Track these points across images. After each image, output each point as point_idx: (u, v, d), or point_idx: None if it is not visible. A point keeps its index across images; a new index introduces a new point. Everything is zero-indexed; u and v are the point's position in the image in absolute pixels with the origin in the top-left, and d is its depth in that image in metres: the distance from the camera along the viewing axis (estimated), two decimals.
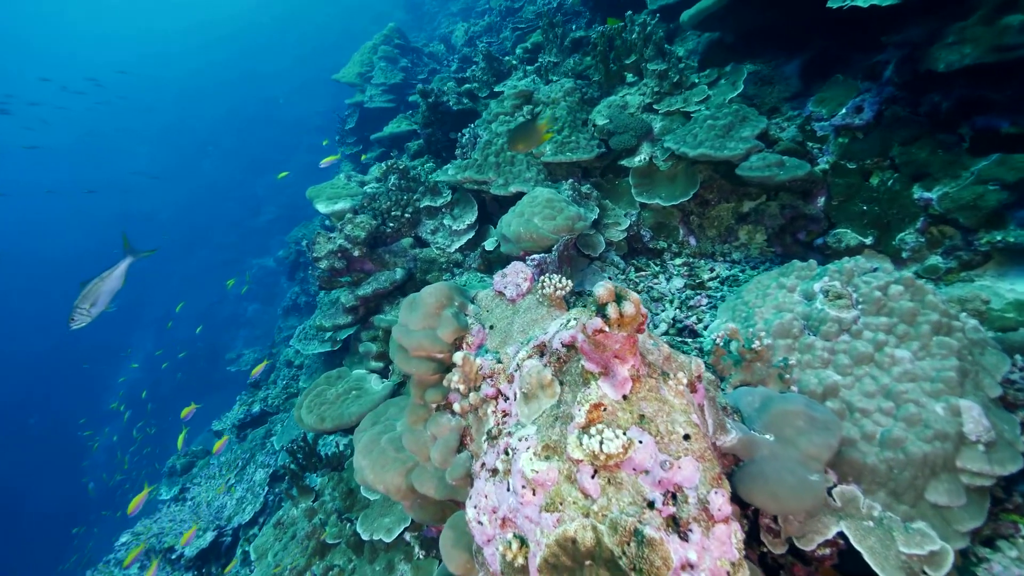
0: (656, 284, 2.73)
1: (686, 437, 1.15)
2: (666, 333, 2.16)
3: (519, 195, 3.31)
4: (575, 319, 1.44)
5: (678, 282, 2.74)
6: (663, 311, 2.43)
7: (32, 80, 28.04)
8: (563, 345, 1.38)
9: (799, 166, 2.61)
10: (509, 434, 1.34)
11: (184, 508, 4.88)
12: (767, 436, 1.41)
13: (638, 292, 2.69)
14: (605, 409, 1.17)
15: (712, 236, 3.26)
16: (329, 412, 2.62)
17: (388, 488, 1.77)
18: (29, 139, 27.75)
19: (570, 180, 3.17)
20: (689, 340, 2.18)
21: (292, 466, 3.37)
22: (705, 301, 2.44)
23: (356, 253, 3.16)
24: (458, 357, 1.60)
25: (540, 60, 4.69)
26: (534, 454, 1.19)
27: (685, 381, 1.28)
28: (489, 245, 3.14)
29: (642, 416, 1.17)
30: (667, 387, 1.25)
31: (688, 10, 3.30)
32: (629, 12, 3.66)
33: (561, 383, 1.34)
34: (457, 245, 3.47)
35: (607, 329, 1.13)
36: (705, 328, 2.18)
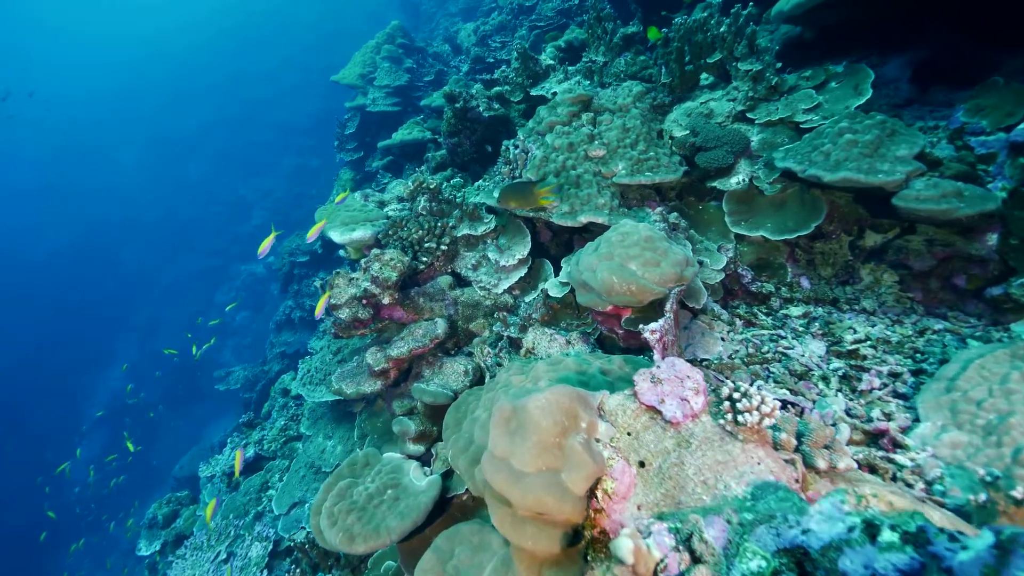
0: (789, 350, 2.09)
1: None
2: (853, 443, 1.53)
3: (590, 226, 2.66)
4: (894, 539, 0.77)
5: (816, 346, 2.10)
6: (822, 396, 1.79)
7: (12, 83, 26.89)
8: None
9: (985, 197, 1.98)
10: None
11: None
12: None
13: (768, 363, 2.05)
14: None
15: (827, 276, 2.63)
16: (361, 527, 1.94)
17: None
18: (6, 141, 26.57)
19: (658, 209, 2.53)
20: (886, 452, 1.54)
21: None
22: (878, 382, 1.81)
23: (386, 300, 2.49)
24: (625, 549, 0.94)
25: (585, 59, 4.05)
26: None
27: None
28: (556, 291, 2.48)
29: None
30: None
31: None
32: (667, 16, 3.04)
33: None
34: (506, 284, 2.81)
35: None
36: (902, 430, 1.55)
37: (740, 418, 1.09)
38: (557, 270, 2.85)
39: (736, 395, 1.12)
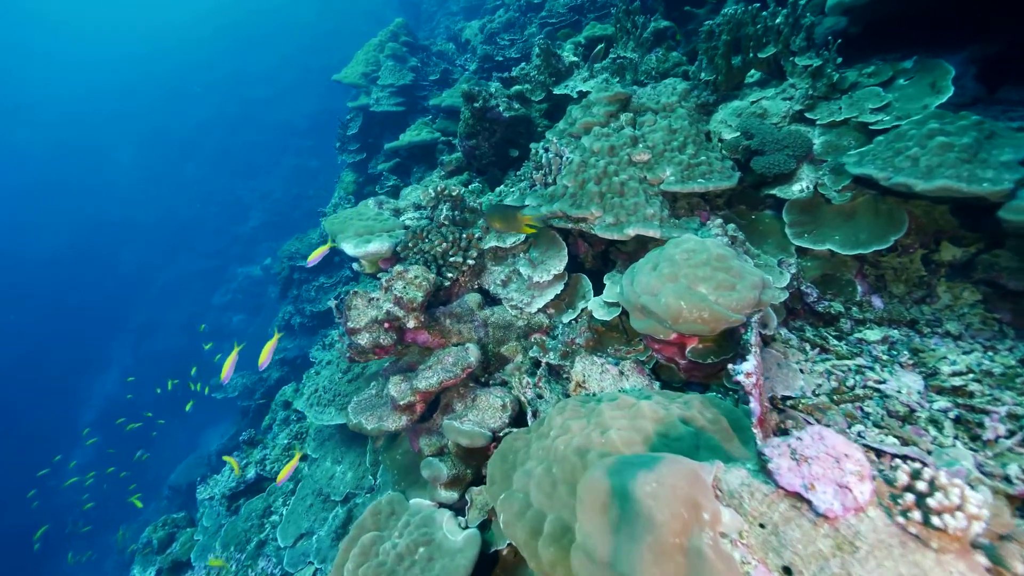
0: (881, 384, 1.82)
1: None
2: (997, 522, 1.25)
3: (637, 239, 2.38)
4: None
5: (911, 380, 1.83)
6: (937, 446, 1.52)
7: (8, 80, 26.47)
8: None
9: None
10: None
11: None
12: None
13: (860, 401, 1.77)
14: None
15: (899, 294, 2.36)
16: None
17: None
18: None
19: (717, 220, 2.25)
20: None
21: None
22: (1003, 428, 1.54)
23: (411, 324, 2.20)
24: None
25: (612, 55, 3.78)
26: None
27: None
28: (602, 312, 2.20)
29: None
30: None
31: None
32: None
33: None
34: (540, 303, 2.52)
35: None
36: None
37: (935, 520, 0.81)
38: (596, 287, 2.58)
39: (921, 485, 0.84)
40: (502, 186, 3.53)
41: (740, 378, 1.39)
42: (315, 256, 2.50)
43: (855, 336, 2.24)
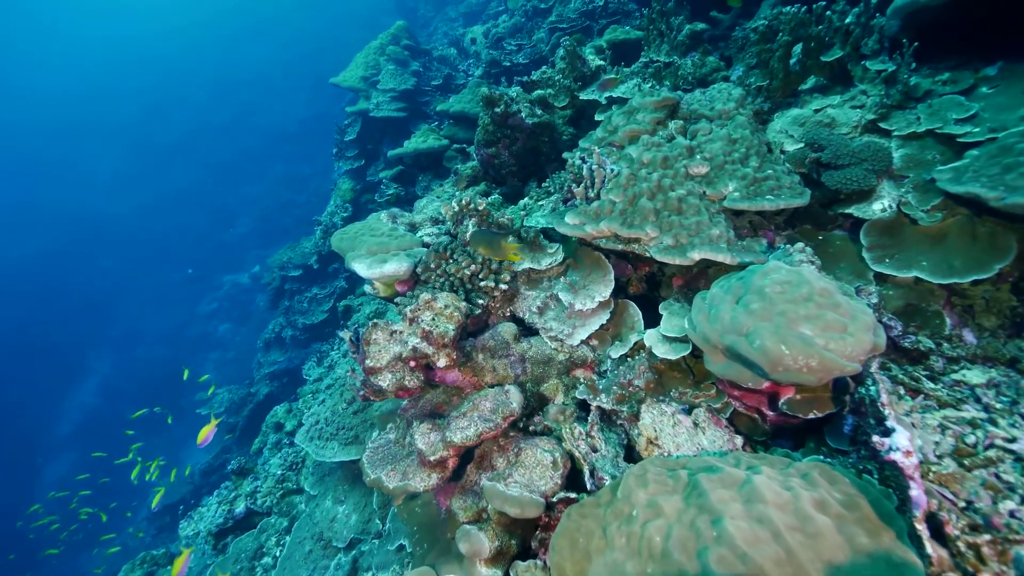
0: (1011, 444, 1.53)
1: None
2: None
3: (700, 263, 2.08)
4: None
5: None
6: None
7: None
8: None
9: None
10: None
11: None
12: None
13: (994, 466, 1.48)
14: None
15: (990, 327, 2.09)
16: None
17: None
18: None
19: (798, 243, 1.96)
20: None
21: None
22: None
23: (442, 362, 1.87)
24: None
25: (643, 59, 3.52)
26: None
27: None
28: (664, 349, 1.89)
29: None
30: None
31: None
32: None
33: None
34: (583, 334, 2.21)
35: None
36: None
37: None
38: (647, 317, 2.27)
39: None
40: (526, 199, 3.23)
41: (897, 457, 1.09)
42: (204, 435, 2.20)
43: (949, 377, 1.96)
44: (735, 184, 2.17)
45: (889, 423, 1.20)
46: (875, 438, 1.18)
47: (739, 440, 1.69)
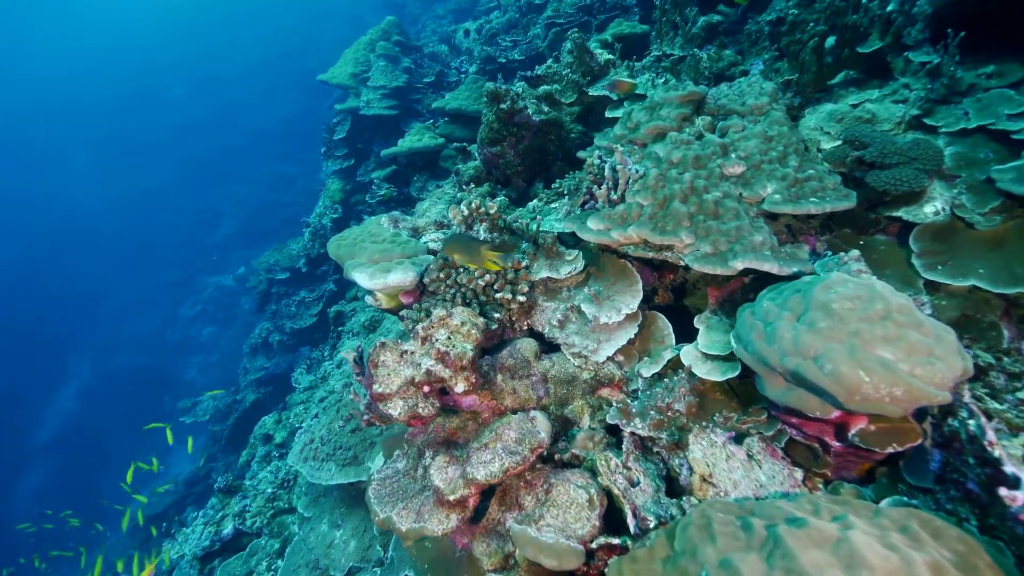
0: None
1: None
2: None
3: (743, 272, 1.89)
4: None
5: None
6: None
7: None
8: None
9: None
10: None
11: None
12: None
13: None
14: None
15: None
16: None
17: None
18: None
19: (853, 251, 1.78)
20: None
21: None
22: None
23: (460, 387, 1.66)
24: None
25: (654, 53, 3.33)
26: None
27: None
28: (706, 368, 1.70)
29: None
30: None
31: None
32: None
33: None
34: (609, 350, 2.01)
35: None
36: None
37: None
38: (676, 330, 2.08)
39: None
40: (535, 201, 3.03)
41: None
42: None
43: (1013, 396, 1.80)
44: (775, 185, 1.99)
45: (1008, 469, 1.02)
46: (1003, 491, 0.99)
47: (799, 474, 1.50)
